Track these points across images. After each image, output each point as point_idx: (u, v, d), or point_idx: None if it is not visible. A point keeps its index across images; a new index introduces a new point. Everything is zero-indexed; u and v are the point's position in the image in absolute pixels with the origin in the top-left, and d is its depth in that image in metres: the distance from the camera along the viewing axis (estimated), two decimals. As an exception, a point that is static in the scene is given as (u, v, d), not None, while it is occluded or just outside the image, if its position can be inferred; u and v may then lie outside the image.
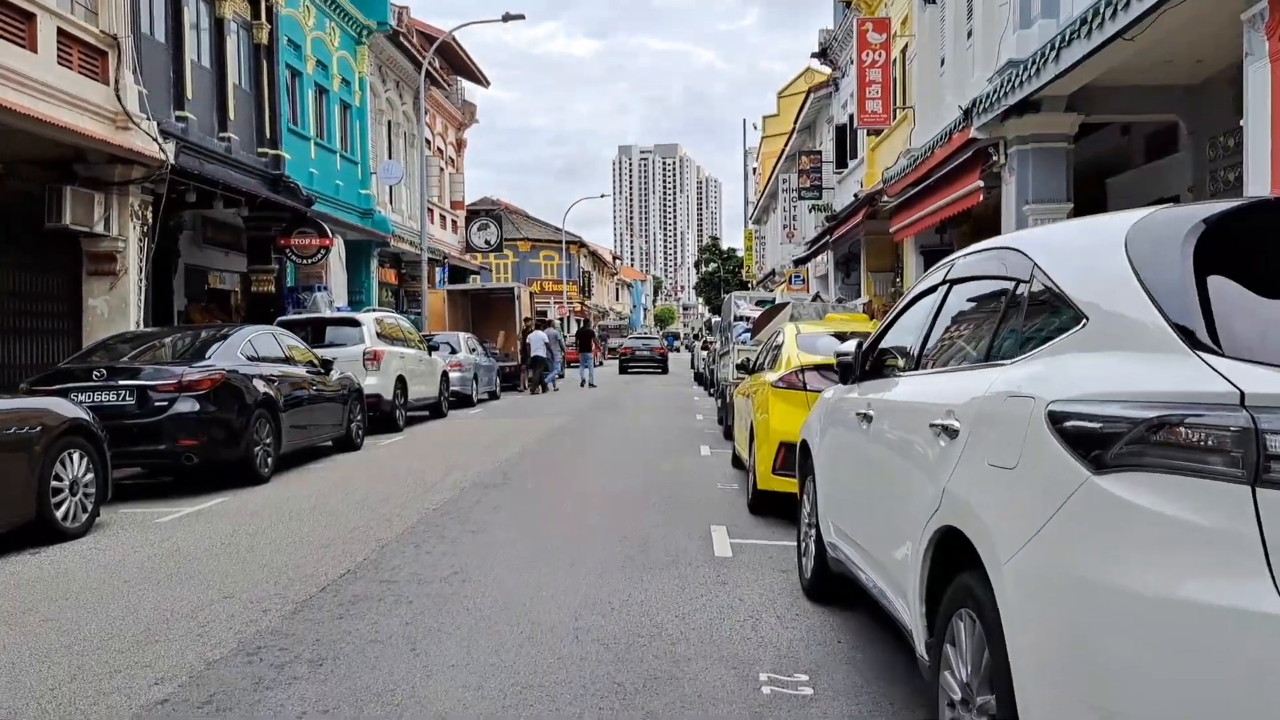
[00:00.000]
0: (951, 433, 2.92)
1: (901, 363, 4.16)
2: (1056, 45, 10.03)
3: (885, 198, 18.77)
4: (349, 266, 25.91)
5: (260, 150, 20.10)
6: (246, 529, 7.21)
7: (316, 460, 11.41)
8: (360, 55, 25.82)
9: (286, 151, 20.84)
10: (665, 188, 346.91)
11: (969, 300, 3.54)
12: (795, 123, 32.90)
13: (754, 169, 71.70)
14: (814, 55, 27.73)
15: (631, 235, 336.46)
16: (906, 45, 19.48)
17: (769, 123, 58.03)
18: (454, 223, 35.97)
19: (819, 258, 29.08)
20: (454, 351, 20.34)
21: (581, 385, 28.70)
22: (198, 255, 20.45)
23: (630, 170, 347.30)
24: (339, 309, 21.04)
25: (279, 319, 15.28)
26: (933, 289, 3.96)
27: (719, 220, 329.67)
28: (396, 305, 30.21)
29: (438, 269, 31.92)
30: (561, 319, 54.79)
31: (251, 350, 9.98)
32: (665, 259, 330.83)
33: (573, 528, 7.09)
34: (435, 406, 17.62)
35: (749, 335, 13.24)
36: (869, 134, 22.76)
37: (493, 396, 23.20)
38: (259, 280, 20.29)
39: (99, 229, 14.07)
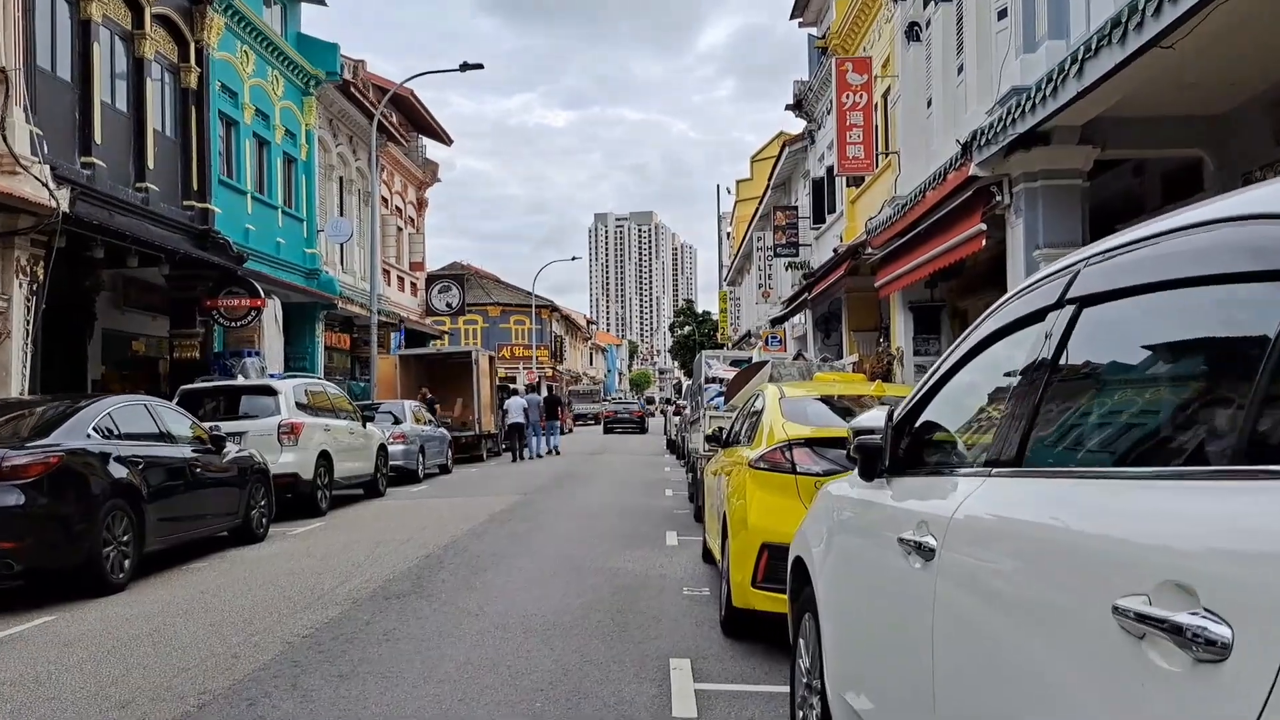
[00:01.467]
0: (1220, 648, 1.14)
1: (971, 450, 2.40)
2: (1080, 58, 8.49)
3: (869, 250, 17.25)
4: (293, 330, 24.07)
5: (186, 203, 18.37)
6: (43, 669, 5.27)
7: (204, 556, 9.44)
8: (307, 107, 24.31)
9: (217, 205, 19.12)
10: (641, 254, 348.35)
11: (1147, 328, 1.78)
12: (770, 179, 31.68)
13: (728, 233, 70.88)
14: (788, 107, 26.55)
15: (608, 301, 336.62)
16: (889, 88, 18.18)
17: (742, 186, 57.29)
18: (413, 285, 34.26)
19: (797, 317, 27.55)
20: (397, 421, 18.43)
21: (547, 453, 27.58)
22: (118, 319, 18.57)
23: (607, 237, 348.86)
24: (272, 376, 19.13)
25: (181, 388, 13.36)
26: (1032, 317, 2.21)
27: (694, 286, 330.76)
28: (351, 372, 28.32)
29: (394, 333, 30.12)
30: (530, 384, 52.89)
31: (110, 425, 8.08)
32: (641, 324, 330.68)
33: (476, 675, 5.17)
34: (371, 484, 15.67)
35: (722, 400, 11.48)
36: (849, 185, 21.39)
37: (443, 470, 21.22)
38: (182, 345, 18.40)
39: (-26, 286, 12.21)
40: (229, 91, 20.22)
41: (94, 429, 7.83)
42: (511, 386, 34.18)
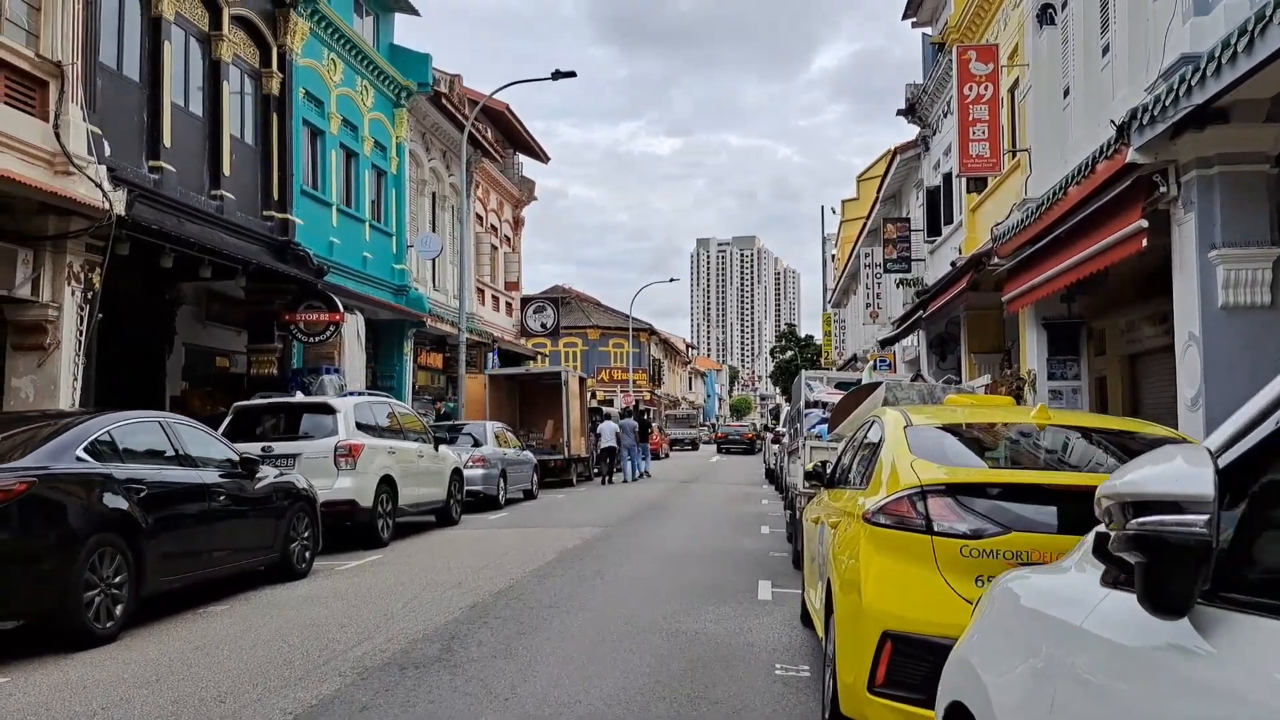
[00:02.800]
0: None
1: None
2: (1269, 15, 6.65)
3: (995, 260, 15.32)
4: (381, 348, 23.37)
5: (266, 213, 17.69)
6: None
7: (229, 596, 8.30)
8: (399, 119, 23.65)
9: (299, 216, 18.42)
10: (743, 279, 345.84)
11: None
12: (878, 193, 29.74)
13: (832, 255, 68.64)
14: (900, 113, 24.69)
15: (709, 326, 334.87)
16: (1017, 80, 16.27)
17: (848, 207, 55.22)
18: (508, 305, 33.45)
19: (908, 339, 25.52)
20: (477, 444, 17.28)
21: (637, 478, 27.08)
22: (200, 334, 18.00)
23: (708, 262, 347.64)
24: (349, 394, 18.26)
25: (235, 404, 12.41)
26: None
27: (797, 311, 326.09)
28: (443, 393, 27.51)
29: (488, 354, 29.25)
30: (626, 408, 51.71)
31: (109, 445, 6.97)
32: (742, 350, 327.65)
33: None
34: (443, 511, 14.49)
35: (825, 428, 9.84)
36: (969, 190, 19.44)
37: (528, 496, 20.00)
38: (260, 360, 17.70)
39: (22, 293, 11.51)
40: (314, 100, 19.61)
41: (87, 449, 6.72)
42: (605, 410, 32.95)
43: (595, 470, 26.87)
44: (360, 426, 12.15)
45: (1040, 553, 3.74)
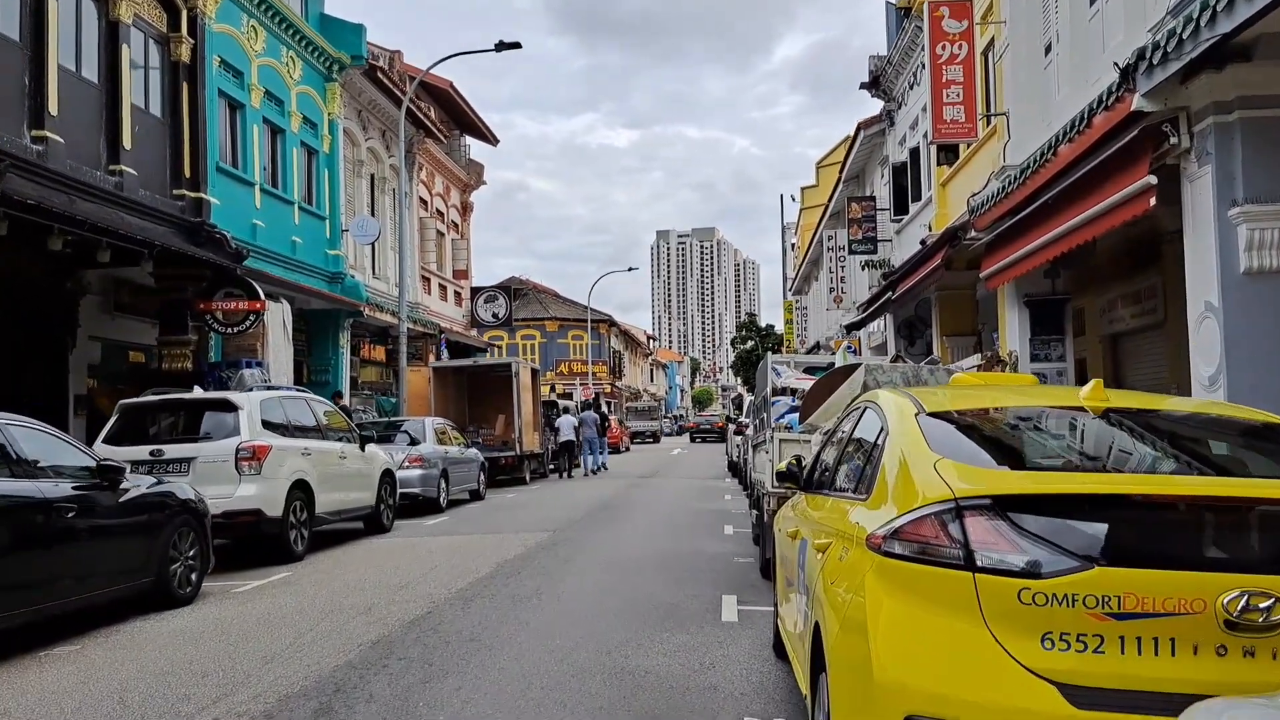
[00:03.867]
0: None
1: None
2: None
3: (971, 234, 14.20)
4: (314, 340, 21.81)
5: (176, 192, 16.09)
6: None
7: (89, 632, 6.87)
8: (331, 94, 22.05)
9: (215, 195, 16.83)
10: (703, 271, 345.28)
11: None
12: (841, 172, 28.62)
13: (792, 244, 67.66)
14: (863, 86, 23.53)
15: (670, 318, 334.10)
16: (992, 41, 15.13)
17: (808, 194, 54.25)
18: (457, 294, 31.91)
19: (874, 324, 24.45)
20: (414, 443, 15.86)
21: (595, 471, 26.86)
22: (109, 326, 16.36)
23: (668, 254, 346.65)
24: (273, 389, 16.75)
25: (121, 402, 10.90)
26: None
27: (757, 302, 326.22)
28: (387, 388, 25.95)
29: (435, 346, 27.73)
30: (586, 401, 50.35)
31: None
32: (704, 341, 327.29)
33: None
34: (372, 518, 13.07)
35: (796, 418, 8.59)
36: (939, 164, 18.33)
37: (475, 497, 18.60)
38: (172, 354, 16.10)
39: None
40: (232, 70, 17.99)
41: None
42: (562, 404, 31.57)
43: (552, 465, 26.59)
44: (269, 425, 10.70)
45: (1146, 598, 2.49)
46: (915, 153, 21.29)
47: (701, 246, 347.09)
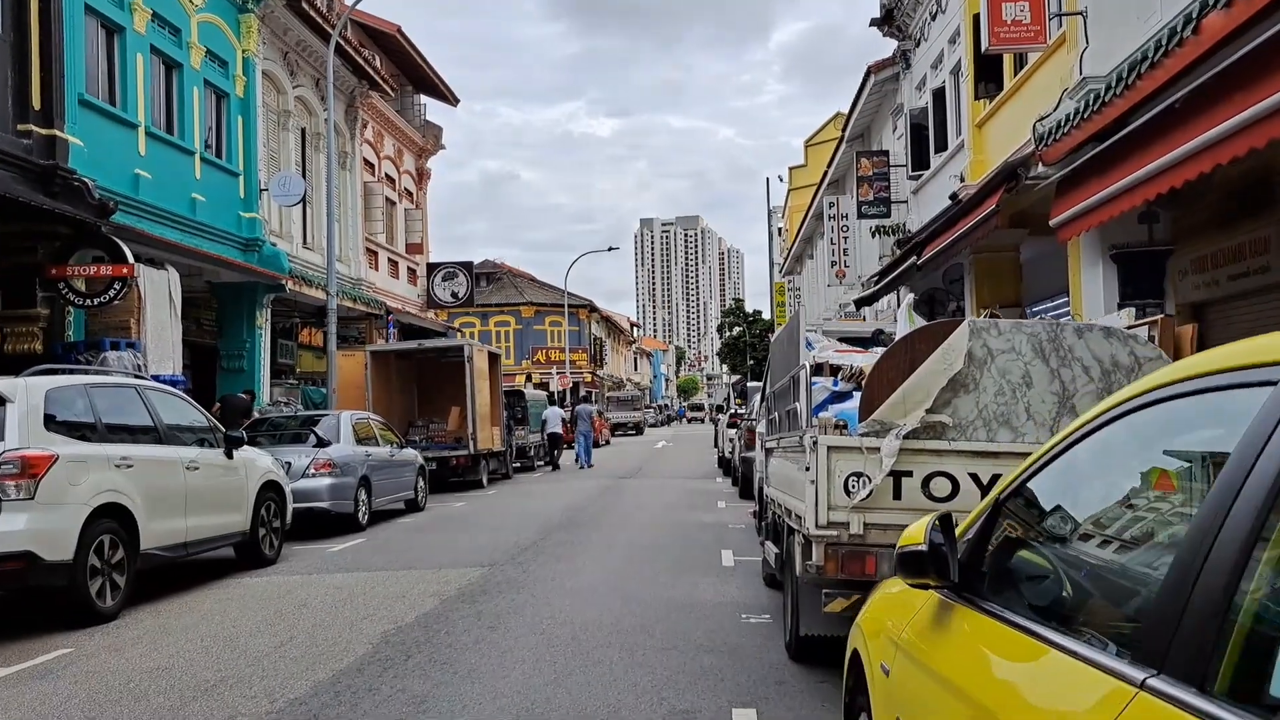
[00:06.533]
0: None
1: None
2: None
3: (1038, 169, 10.94)
4: (226, 319, 18.36)
5: (22, 127, 12.60)
6: None
7: None
8: (245, 28, 18.51)
9: (76, 135, 13.33)
10: (687, 259, 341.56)
11: None
12: (844, 130, 25.28)
13: (779, 228, 64.40)
14: (873, 23, 20.19)
15: (654, 307, 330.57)
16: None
17: (796, 174, 51.09)
18: (411, 271, 28.42)
19: (884, 300, 21.19)
20: (322, 444, 12.43)
21: (583, 467, 25.69)
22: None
23: (653, 242, 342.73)
24: (159, 379, 13.33)
25: None
26: None
27: (742, 291, 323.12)
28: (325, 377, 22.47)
29: (384, 328, 24.26)
30: (564, 389, 47.01)
31: None
32: (689, 330, 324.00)
33: None
34: (248, 546, 9.68)
35: (850, 411, 5.22)
36: (978, 97, 15.06)
37: (411, 508, 15.22)
38: (16, 333, 12.68)
39: None
40: (103, -18, 14.46)
41: None
42: (531, 394, 28.25)
43: (544, 460, 26.48)
44: (60, 426, 7.28)
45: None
46: (939, 95, 17.98)
47: (686, 235, 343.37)
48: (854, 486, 4.75)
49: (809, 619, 5.24)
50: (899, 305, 19.77)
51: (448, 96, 29.54)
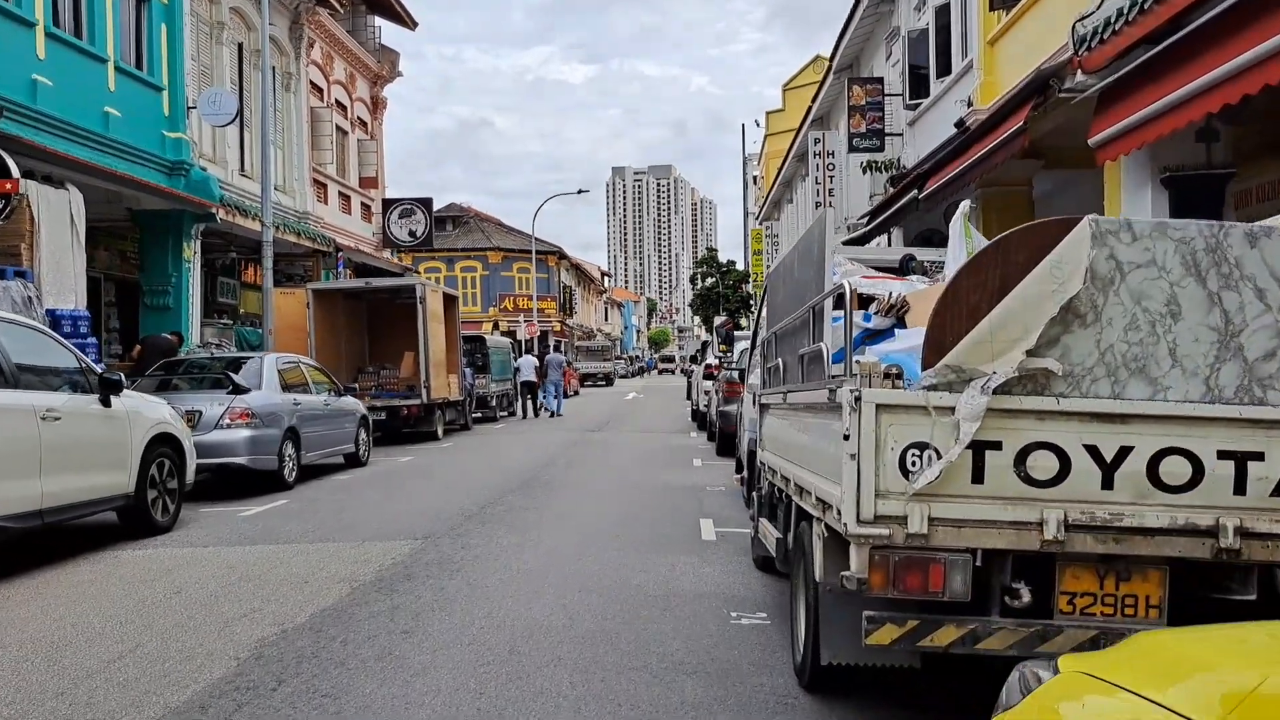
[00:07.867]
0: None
1: None
2: None
3: (1076, 79, 9.37)
4: (149, 251, 16.51)
5: (-122, 14, 10.63)
6: None
7: None
8: (168, -78, 16.38)
9: (-51, 27, 11.37)
10: (660, 209, 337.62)
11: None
12: (832, 60, 23.48)
13: (754, 176, 62.45)
14: (871, -64, 18.39)
15: (626, 258, 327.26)
16: None
17: (773, 119, 49.20)
18: (365, 207, 26.44)
19: (875, 242, 19.61)
20: (237, 391, 10.74)
21: (551, 415, 25.46)
22: None
23: (625, 192, 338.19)
24: (55, 314, 11.55)
25: None
26: None
27: (715, 241, 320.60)
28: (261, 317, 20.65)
29: (333, 267, 22.41)
30: (531, 338, 45.27)
31: None
32: (660, 282, 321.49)
33: None
34: (134, 510, 8.06)
35: (905, 356, 3.70)
36: (992, 8, 13.39)
37: (352, 462, 13.62)
38: (-122, 259, 10.84)
39: None
40: None
41: None
42: (492, 339, 26.62)
43: (510, 412, 26.33)
44: None
45: None
46: (943, 11, 16.26)
47: (659, 185, 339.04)
48: (914, 464, 3.21)
49: (836, 644, 3.73)
50: (894, 246, 18.28)
51: (404, 18, 27.34)
